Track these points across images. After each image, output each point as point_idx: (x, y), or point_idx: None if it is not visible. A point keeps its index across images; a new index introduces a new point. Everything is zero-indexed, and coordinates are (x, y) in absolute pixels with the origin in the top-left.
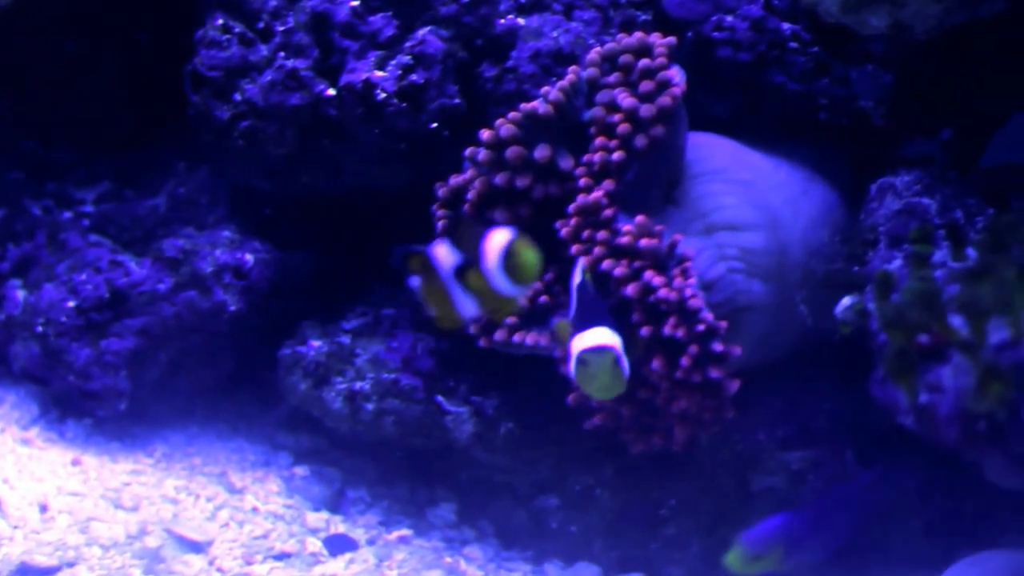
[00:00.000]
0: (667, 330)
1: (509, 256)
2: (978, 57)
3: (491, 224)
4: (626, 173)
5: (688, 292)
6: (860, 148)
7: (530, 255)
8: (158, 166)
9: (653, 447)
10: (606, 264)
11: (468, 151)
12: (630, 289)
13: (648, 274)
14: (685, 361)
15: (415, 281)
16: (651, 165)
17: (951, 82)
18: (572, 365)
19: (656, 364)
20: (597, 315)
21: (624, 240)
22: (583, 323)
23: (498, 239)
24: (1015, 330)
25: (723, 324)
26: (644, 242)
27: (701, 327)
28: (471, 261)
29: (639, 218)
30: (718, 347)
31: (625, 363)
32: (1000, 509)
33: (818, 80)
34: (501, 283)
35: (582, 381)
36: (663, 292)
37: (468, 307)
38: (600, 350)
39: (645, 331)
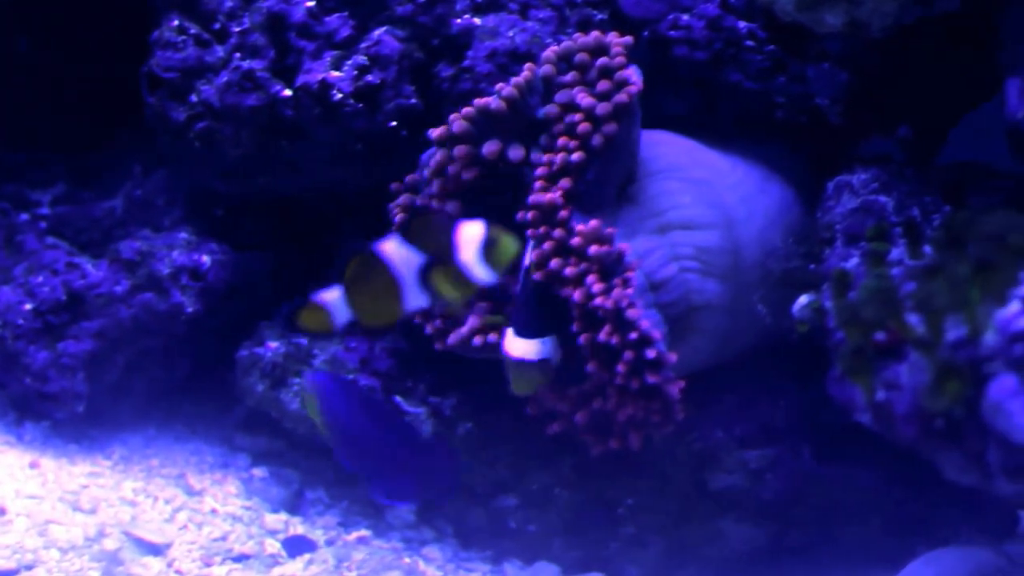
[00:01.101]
0: (602, 336)
1: (489, 246)
2: (935, 55)
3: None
4: (585, 172)
5: (625, 302)
6: (817, 146)
7: (510, 242)
8: (115, 168)
9: (610, 449)
10: (555, 263)
11: (435, 134)
12: (576, 294)
13: (590, 279)
14: (621, 368)
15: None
16: (607, 163)
17: (908, 80)
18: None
19: (592, 367)
20: (534, 312)
21: (575, 241)
22: (520, 319)
23: (473, 231)
24: (971, 327)
25: (657, 334)
26: (594, 249)
27: (634, 335)
28: (438, 257)
29: (592, 222)
30: (651, 354)
31: (551, 362)
32: (957, 506)
33: (775, 78)
34: (480, 272)
35: (512, 382)
36: (599, 300)
37: (419, 301)
38: (526, 363)
39: (583, 338)
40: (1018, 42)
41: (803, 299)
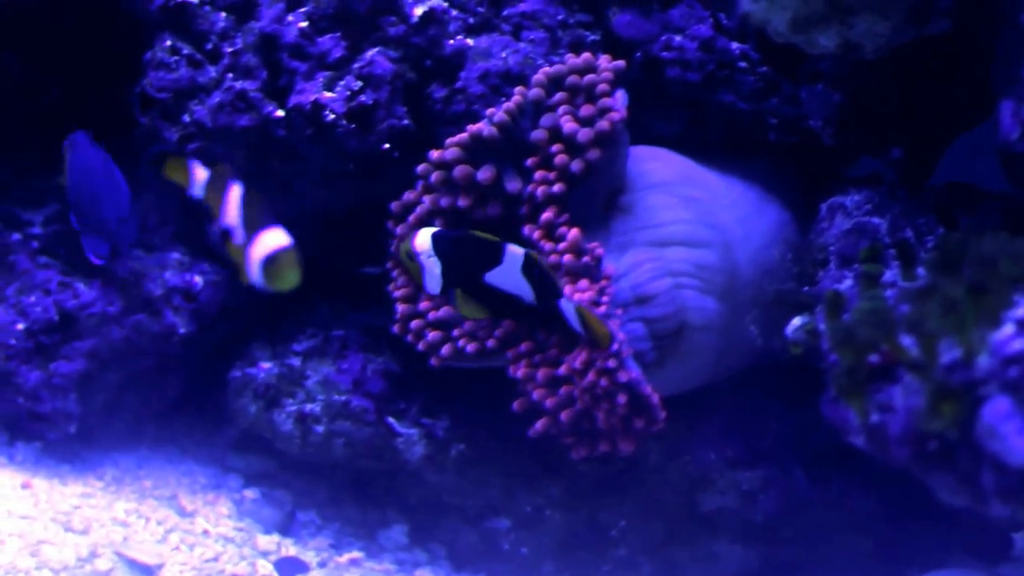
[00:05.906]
0: None
1: (272, 263)
2: (927, 76)
3: None
4: (567, 200)
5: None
6: (810, 167)
7: (293, 275)
8: None
9: (597, 452)
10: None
11: (421, 168)
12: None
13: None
14: (577, 364)
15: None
16: (590, 186)
17: (901, 101)
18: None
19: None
20: None
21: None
22: None
23: (270, 241)
24: (966, 349)
25: (616, 347)
26: (568, 259)
27: None
28: (233, 236)
29: (574, 231)
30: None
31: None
32: (951, 529)
33: (768, 100)
34: (256, 276)
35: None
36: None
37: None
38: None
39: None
40: (1011, 64)
41: (796, 321)
